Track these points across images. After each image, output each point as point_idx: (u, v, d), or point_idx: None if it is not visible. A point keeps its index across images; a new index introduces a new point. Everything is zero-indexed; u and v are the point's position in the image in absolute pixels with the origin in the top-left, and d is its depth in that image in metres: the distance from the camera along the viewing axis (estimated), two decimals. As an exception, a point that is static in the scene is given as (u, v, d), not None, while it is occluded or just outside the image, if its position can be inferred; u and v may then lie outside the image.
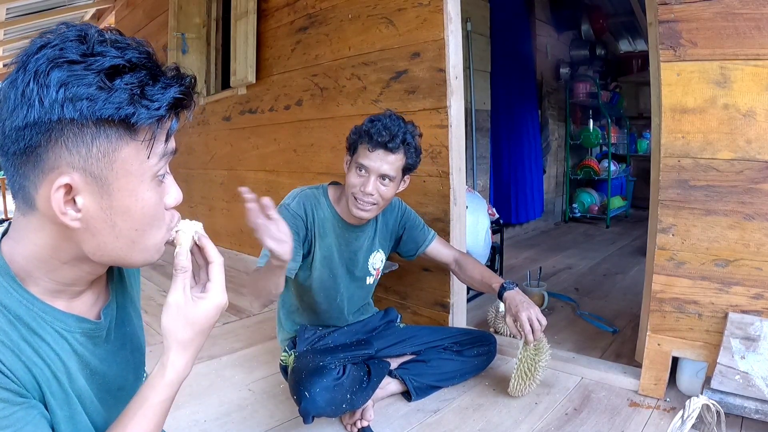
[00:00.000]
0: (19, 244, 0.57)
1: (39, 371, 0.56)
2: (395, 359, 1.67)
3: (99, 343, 0.65)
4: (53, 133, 0.50)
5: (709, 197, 1.43)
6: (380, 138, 1.42)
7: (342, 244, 1.59)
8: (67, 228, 0.54)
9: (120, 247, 0.57)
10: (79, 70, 0.49)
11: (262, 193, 0.71)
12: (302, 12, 2.63)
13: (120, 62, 0.50)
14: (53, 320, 0.59)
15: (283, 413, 1.54)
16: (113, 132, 0.52)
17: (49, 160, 0.51)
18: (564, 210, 5.15)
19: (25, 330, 0.56)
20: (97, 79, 0.49)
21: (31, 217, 0.55)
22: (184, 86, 0.55)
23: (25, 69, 0.49)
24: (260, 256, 1.49)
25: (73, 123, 0.50)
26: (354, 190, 1.47)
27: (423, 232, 1.76)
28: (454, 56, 1.94)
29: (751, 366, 1.36)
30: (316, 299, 1.61)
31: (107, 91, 0.49)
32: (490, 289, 1.64)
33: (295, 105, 2.76)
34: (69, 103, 0.49)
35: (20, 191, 0.54)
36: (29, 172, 0.52)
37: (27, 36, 5.22)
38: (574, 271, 3.24)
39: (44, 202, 0.53)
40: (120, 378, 0.70)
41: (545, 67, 4.64)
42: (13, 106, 0.50)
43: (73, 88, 0.49)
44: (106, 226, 0.55)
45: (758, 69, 1.33)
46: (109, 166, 0.53)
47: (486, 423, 1.48)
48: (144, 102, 0.51)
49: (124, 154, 0.53)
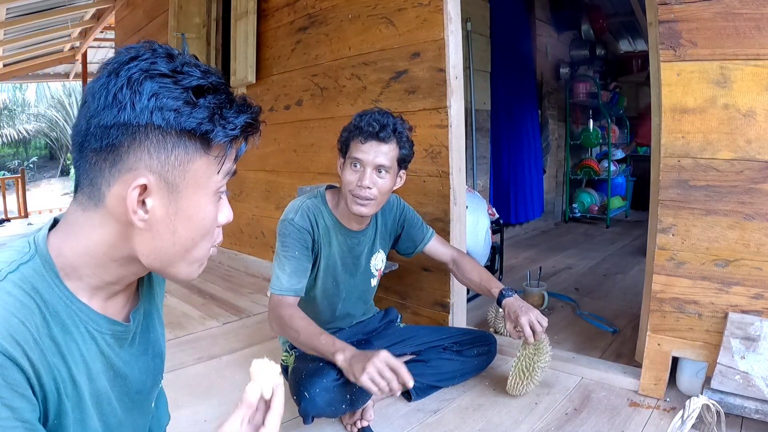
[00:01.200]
0: (72, 238, 0.59)
1: (59, 373, 0.57)
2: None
3: (124, 345, 0.67)
4: (138, 136, 0.54)
5: (709, 197, 1.43)
6: (371, 128, 1.42)
7: (345, 251, 1.59)
8: (130, 227, 0.57)
9: (174, 253, 0.60)
10: (169, 84, 0.54)
11: (262, 193, 0.71)
12: (302, 12, 2.63)
13: (204, 83, 0.55)
14: (88, 320, 0.60)
15: (283, 413, 1.54)
16: (191, 144, 0.56)
17: (129, 160, 0.55)
18: (564, 210, 5.15)
19: (59, 328, 0.57)
20: (184, 95, 0.54)
21: (92, 213, 0.58)
22: (254, 113, 0.60)
23: (117, 75, 0.53)
24: (279, 280, 1.47)
25: (159, 130, 0.54)
26: (351, 186, 1.45)
27: (421, 230, 1.75)
28: (454, 56, 1.94)
29: (751, 366, 1.36)
30: (319, 307, 1.62)
31: (192, 107, 0.54)
32: (489, 293, 1.64)
33: (295, 105, 2.76)
34: (158, 111, 0.53)
35: (89, 186, 0.57)
36: (106, 170, 0.55)
37: (27, 36, 5.23)
38: (574, 271, 3.24)
39: (115, 200, 0.56)
40: (139, 382, 0.71)
41: (545, 67, 4.64)
42: (103, 106, 0.53)
43: (163, 99, 0.53)
44: (168, 231, 0.58)
45: (758, 69, 1.33)
46: (182, 175, 0.57)
47: (486, 423, 1.48)
48: (222, 122, 0.56)
49: (197, 166, 0.58)
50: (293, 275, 1.47)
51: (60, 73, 7.69)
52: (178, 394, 1.64)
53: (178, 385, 1.71)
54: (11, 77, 6.88)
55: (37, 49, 6.04)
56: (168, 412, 0.88)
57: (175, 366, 1.87)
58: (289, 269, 1.46)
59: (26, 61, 6.44)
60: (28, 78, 7.68)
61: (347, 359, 1.27)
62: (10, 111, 15.04)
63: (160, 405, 0.85)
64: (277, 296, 1.46)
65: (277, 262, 1.49)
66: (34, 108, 15.38)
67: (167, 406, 0.88)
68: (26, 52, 6.04)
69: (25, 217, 6.58)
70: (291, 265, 1.47)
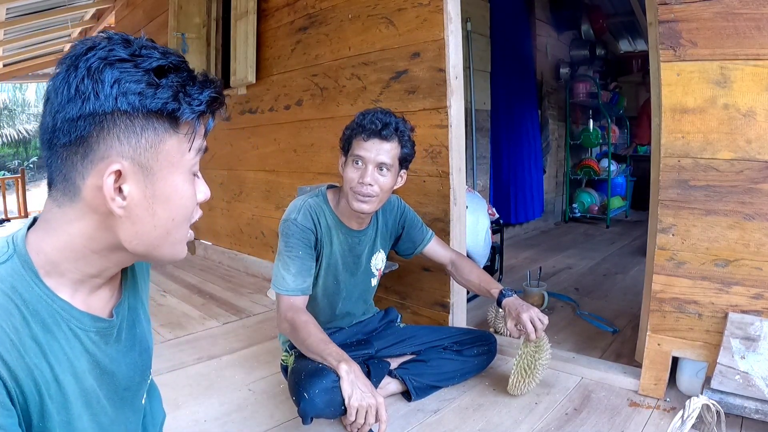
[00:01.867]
0: (51, 234, 0.59)
1: (40, 374, 0.56)
2: (395, 359, 1.67)
3: (110, 342, 0.67)
4: (106, 124, 0.54)
5: (709, 197, 1.43)
6: (374, 126, 1.44)
7: (346, 250, 1.60)
8: (109, 217, 0.57)
9: (157, 236, 0.60)
10: (129, 68, 0.54)
11: (262, 193, 0.71)
12: (302, 12, 2.63)
13: (165, 63, 0.56)
14: (70, 318, 0.60)
15: (283, 413, 1.54)
16: (160, 125, 0.57)
17: (100, 150, 0.55)
18: (564, 210, 5.15)
19: (39, 328, 0.56)
20: (146, 77, 0.54)
21: (68, 209, 0.58)
22: (217, 87, 0.61)
23: (76, 67, 0.53)
24: (285, 281, 1.48)
25: (125, 115, 0.54)
26: (353, 183, 1.46)
27: (421, 232, 1.76)
28: (454, 56, 1.94)
29: (751, 366, 1.36)
30: (320, 305, 1.62)
31: (155, 88, 0.55)
32: (489, 294, 1.65)
33: (295, 105, 2.76)
34: (122, 96, 0.53)
35: (63, 182, 0.57)
36: (78, 163, 0.56)
37: (27, 36, 5.23)
38: (574, 271, 3.24)
39: (91, 191, 0.56)
40: (127, 378, 0.70)
41: (545, 67, 4.64)
42: (66, 99, 0.54)
43: (126, 83, 0.53)
44: (147, 214, 0.59)
45: (758, 69, 1.33)
46: (154, 157, 0.57)
47: (486, 423, 1.48)
48: (187, 99, 0.57)
49: (168, 146, 0.58)
50: (298, 275, 1.47)
51: (60, 73, 7.69)
52: (178, 394, 1.64)
53: (178, 385, 1.70)
54: (11, 77, 6.88)
55: (37, 49, 6.04)
56: (163, 409, 0.87)
57: (175, 366, 1.87)
58: (294, 269, 1.47)
59: (26, 61, 6.44)
60: (28, 78, 7.67)
61: (349, 371, 1.29)
62: (10, 111, 15.06)
63: (154, 402, 0.84)
64: (287, 298, 1.46)
65: (281, 263, 1.49)
66: (34, 108, 15.40)
67: (161, 403, 0.87)
68: (26, 52, 6.03)
69: (25, 217, 6.58)
70: (296, 264, 1.47)
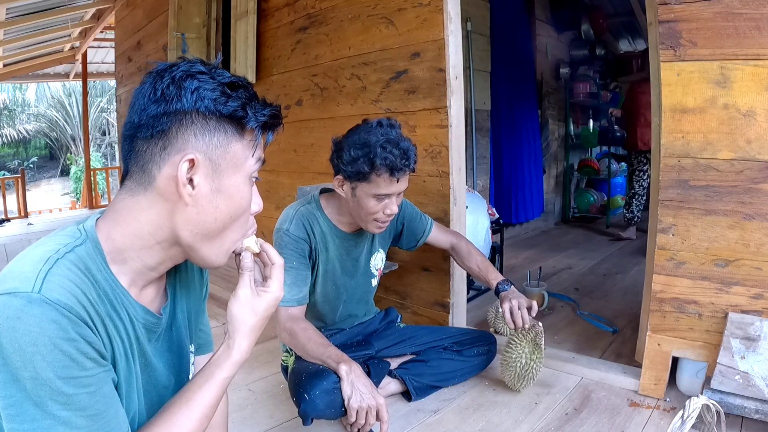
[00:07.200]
0: (121, 222, 0.65)
1: (117, 345, 0.63)
2: (395, 359, 1.67)
3: (153, 338, 0.72)
4: (185, 121, 0.63)
5: (709, 197, 1.43)
6: (402, 165, 1.37)
7: (343, 254, 1.59)
8: (176, 205, 0.64)
9: (215, 228, 0.67)
10: (207, 79, 0.64)
11: (262, 194, 0.72)
12: (302, 12, 2.63)
13: (236, 80, 0.66)
14: (128, 304, 0.66)
15: (283, 413, 1.54)
16: (230, 128, 0.65)
17: (177, 143, 0.63)
18: (564, 210, 5.15)
19: (110, 306, 0.63)
20: (221, 88, 0.64)
21: (141, 197, 0.64)
22: (277, 108, 0.69)
23: (161, 77, 0.63)
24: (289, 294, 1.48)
25: (202, 115, 0.63)
26: (376, 215, 1.44)
27: (421, 223, 1.76)
28: (454, 56, 1.94)
29: (751, 366, 1.36)
30: (320, 311, 1.62)
31: (227, 97, 0.64)
32: (487, 283, 1.67)
33: (295, 105, 2.76)
34: (200, 100, 0.63)
35: (140, 172, 0.64)
36: (156, 154, 0.63)
37: (27, 36, 5.23)
38: (574, 271, 3.24)
39: (165, 180, 0.63)
40: (165, 377, 0.75)
41: (545, 67, 4.64)
42: (152, 101, 0.63)
43: (204, 91, 0.63)
44: (211, 206, 0.66)
45: (758, 69, 1.33)
46: (223, 156, 0.65)
47: (486, 423, 1.48)
48: (252, 110, 0.66)
49: (235, 149, 0.66)
50: (294, 285, 1.47)
51: (60, 73, 7.70)
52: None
53: (178, 385, 1.70)
54: (11, 77, 6.89)
55: (37, 49, 6.04)
56: None
57: (175, 366, 1.87)
58: (289, 280, 1.46)
59: (26, 61, 6.44)
60: (28, 78, 7.68)
61: (349, 372, 1.30)
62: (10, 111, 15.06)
63: None
64: (284, 309, 1.46)
65: None
66: (34, 108, 15.39)
67: None
68: (26, 52, 6.04)
69: (25, 217, 6.58)
70: (290, 275, 1.47)
